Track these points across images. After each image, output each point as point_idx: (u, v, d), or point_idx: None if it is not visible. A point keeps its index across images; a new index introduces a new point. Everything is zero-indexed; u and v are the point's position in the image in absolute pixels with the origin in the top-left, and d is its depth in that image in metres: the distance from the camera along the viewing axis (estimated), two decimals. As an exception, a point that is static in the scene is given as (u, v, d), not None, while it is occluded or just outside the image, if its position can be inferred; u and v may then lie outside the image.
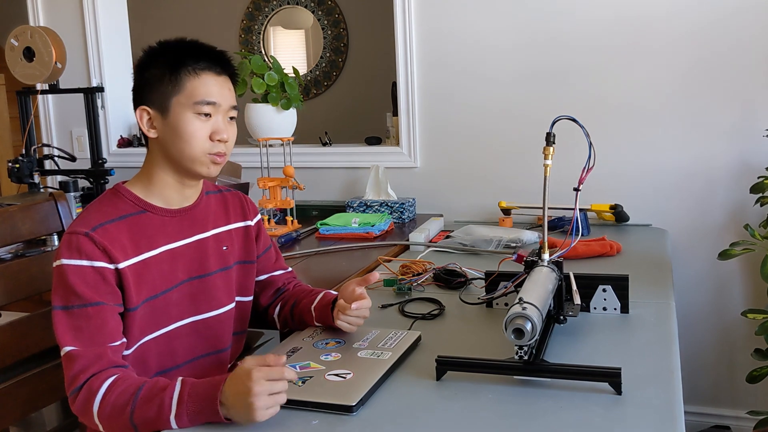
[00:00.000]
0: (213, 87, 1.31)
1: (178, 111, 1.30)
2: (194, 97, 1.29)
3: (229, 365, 1.47)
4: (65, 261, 1.21)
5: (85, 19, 2.98)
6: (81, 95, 2.69)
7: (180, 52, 1.32)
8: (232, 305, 1.44)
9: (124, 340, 1.25)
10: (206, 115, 1.31)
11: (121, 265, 1.24)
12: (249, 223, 1.49)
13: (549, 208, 1.38)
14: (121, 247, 1.25)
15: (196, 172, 1.33)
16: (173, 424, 1.08)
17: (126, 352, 1.26)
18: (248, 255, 1.48)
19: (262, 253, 1.53)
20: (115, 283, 1.24)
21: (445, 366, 1.20)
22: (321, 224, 2.31)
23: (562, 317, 1.35)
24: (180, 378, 1.13)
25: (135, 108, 1.34)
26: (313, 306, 1.45)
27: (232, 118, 1.36)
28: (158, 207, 1.34)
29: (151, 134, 1.33)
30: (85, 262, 1.21)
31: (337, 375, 1.20)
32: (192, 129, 1.30)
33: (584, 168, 1.31)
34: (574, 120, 1.31)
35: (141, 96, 1.34)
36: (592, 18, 2.37)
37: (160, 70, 1.31)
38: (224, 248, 1.42)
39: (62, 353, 1.19)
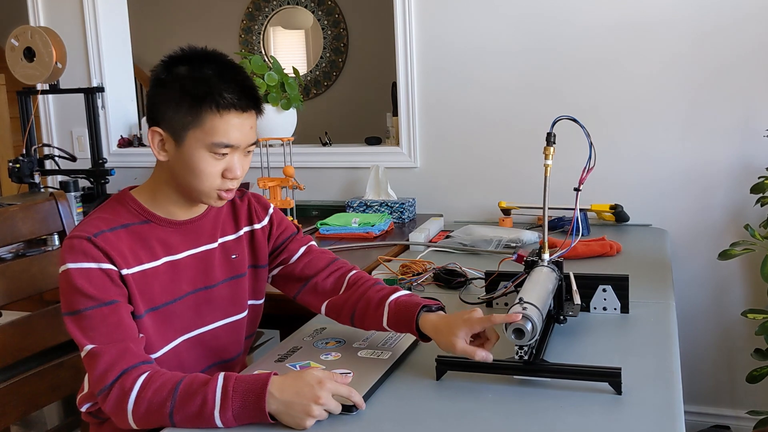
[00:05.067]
0: (234, 128, 1.22)
1: (192, 145, 1.22)
2: (213, 137, 1.21)
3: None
4: (71, 265, 1.18)
5: (85, 19, 2.98)
6: (81, 95, 2.69)
7: (205, 81, 1.21)
8: (244, 314, 1.41)
9: (143, 335, 1.23)
10: (223, 154, 1.23)
11: (124, 272, 1.22)
12: (256, 226, 1.43)
13: (549, 208, 1.38)
14: (121, 255, 1.22)
15: (202, 202, 1.30)
16: (217, 420, 1.06)
17: None
18: (258, 259, 1.43)
19: (281, 243, 1.45)
20: (122, 284, 1.22)
21: (445, 366, 1.20)
22: (321, 224, 2.32)
23: (562, 317, 1.35)
24: (222, 372, 1.11)
25: (148, 125, 1.26)
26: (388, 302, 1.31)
27: (249, 152, 1.28)
28: (162, 218, 1.30)
29: (161, 157, 1.26)
30: (92, 265, 1.19)
31: (337, 375, 1.20)
32: (204, 166, 1.23)
33: (584, 168, 1.31)
34: (574, 120, 1.31)
35: (155, 115, 1.24)
36: (592, 19, 2.37)
37: (179, 95, 1.21)
38: (233, 257, 1.39)
39: (83, 353, 1.16)
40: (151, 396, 1.10)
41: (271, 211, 1.47)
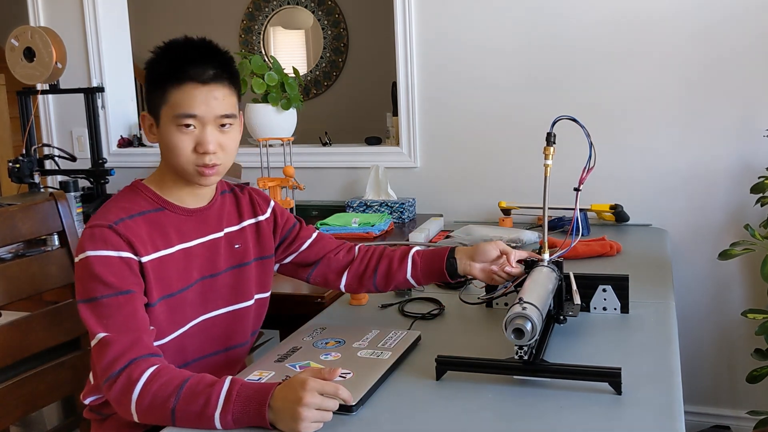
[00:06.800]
0: (196, 98, 1.24)
1: (165, 122, 1.27)
2: (176, 109, 1.25)
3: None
4: (90, 253, 1.20)
5: (85, 19, 2.98)
6: (81, 95, 2.69)
7: (168, 58, 1.28)
8: (248, 303, 1.44)
9: (154, 328, 1.24)
10: (188, 126, 1.26)
11: (144, 259, 1.25)
12: (260, 218, 1.47)
13: (549, 208, 1.38)
14: (141, 242, 1.25)
15: (191, 181, 1.32)
16: (217, 422, 1.07)
17: None
18: (264, 251, 1.47)
19: (288, 231, 1.51)
20: (140, 274, 1.24)
21: (445, 366, 1.20)
22: (321, 224, 2.31)
23: (562, 317, 1.35)
24: (229, 376, 1.11)
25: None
26: (412, 254, 1.50)
27: (224, 125, 1.29)
28: (176, 205, 1.34)
29: (152, 140, 1.33)
30: (111, 253, 1.21)
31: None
32: (176, 141, 1.26)
33: (584, 168, 1.31)
34: (574, 120, 1.31)
35: (144, 102, 1.33)
36: (592, 19, 2.37)
37: (153, 77, 1.29)
38: (236, 246, 1.42)
39: (94, 342, 1.17)
40: (156, 390, 1.11)
41: (272, 203, 1.52)
